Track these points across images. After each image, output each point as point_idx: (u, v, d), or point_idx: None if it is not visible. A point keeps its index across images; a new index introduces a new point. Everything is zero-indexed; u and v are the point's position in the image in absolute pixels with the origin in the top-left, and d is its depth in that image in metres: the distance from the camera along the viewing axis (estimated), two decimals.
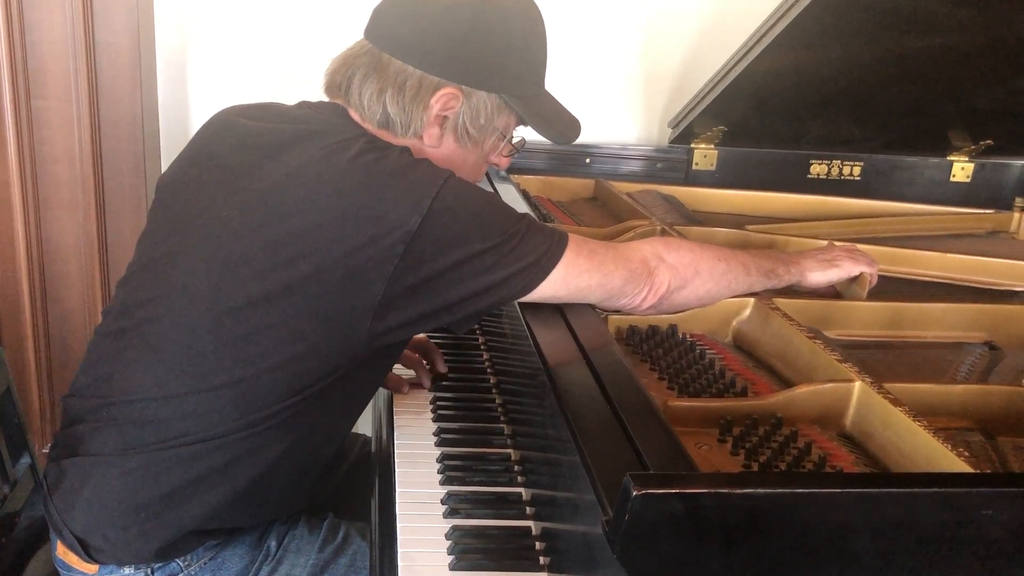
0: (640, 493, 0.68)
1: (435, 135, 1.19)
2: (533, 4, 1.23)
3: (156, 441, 1.12)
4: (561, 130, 1.26)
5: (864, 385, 1.06)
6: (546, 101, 1.27)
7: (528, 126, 1.25)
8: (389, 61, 1.17)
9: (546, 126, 1.24)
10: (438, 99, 1.17)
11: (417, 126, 1.18)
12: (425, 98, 1.17)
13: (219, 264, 1.09)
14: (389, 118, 1.18)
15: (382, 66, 1.17)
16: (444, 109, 1.18)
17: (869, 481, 0.80)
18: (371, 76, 1.18)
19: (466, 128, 1.20)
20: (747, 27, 1.75)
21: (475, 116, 1.19)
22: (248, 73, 2.15)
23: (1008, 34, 1.73)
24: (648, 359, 1.26)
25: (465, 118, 1.19)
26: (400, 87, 1.16)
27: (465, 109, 1.18)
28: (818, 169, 2.19)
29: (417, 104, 1.17)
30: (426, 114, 1.17)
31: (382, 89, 1.17)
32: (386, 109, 1.17)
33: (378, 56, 1.18)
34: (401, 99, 1.17)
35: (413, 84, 1.16)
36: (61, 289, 2.12)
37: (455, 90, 1.17)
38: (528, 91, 1.23)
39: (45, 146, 2.01)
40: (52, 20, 1.92)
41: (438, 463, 1.26)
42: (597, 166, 2.14)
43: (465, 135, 1.20)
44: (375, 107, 1.18)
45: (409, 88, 1.16)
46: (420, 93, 1.17)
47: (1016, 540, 0.72)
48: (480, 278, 1.07)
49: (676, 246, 1.24)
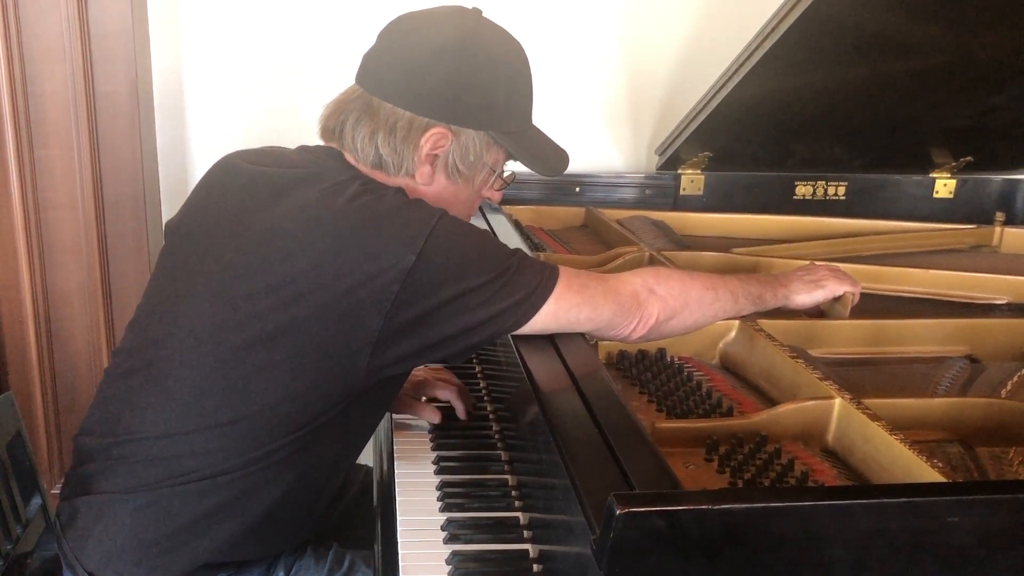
0: (623, 512, 0.72)
1: (427, 173, 1.23)
2: (517, 44, 1.28)
3: (166, 478, 1.15)
4: (549, 164, 1.30)
5: (844, 402, 1.10)
6: (534, 136, 1.31)
7: (517, 161, 1.29)
8: (380, 105, 1.21)
9: (534, 160, 1.28)
10: (428, 139, 1.21)
11: (409, 165, 1.22)
12: (415, 138, 1.21)
13: (223, 305, 1.13)
14: (382, 159, 1.22)
15: (373, 110, 1.22)
16: (434, 148, 1.22)
17: (840, 493, 0.84)
18: (363, 120, 1.22)
19: (456, 165, 1.24)
20: (727, 55, 1.80)
21: (464, 153, 1.23)
22: (244, 117, 2.21)
23: (978, 52, 1.78)
24: (638, 383, 1.30)
25: (455, 156, 1.23)
26: (391, 129, 1.21)
27: (454, 147, 1.22)
28: (803, 190, 2.24)
29: (408, 144, 1.21)
30: (417, 154, 1.22)
31: (374, 131, 1.21)
32: (378, 151, 1.21)
33: (369, 100, 1.22)
34: (392, 140, 1.21)
35: (403, 126, 1.20)
36: (66, 332, 2.16)
37: (444, 129, 1.21)
38: (515, 127, 1.27)
39: (48, 193, 2.06)
40: (53, 72, 1.97)
41: (438, 490, 1.29)
42: (588, 194, 2.19)
43: (456, 172, 1.24)
44: (368, 149, 1.22)
45: (400, 129, 1.21)
46: (410, 134, 1.21)
47: (982, 545, 0.76)
48: (473, 313, 1.11)
49: (666, 277, 1.26)
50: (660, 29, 2.29)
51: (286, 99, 2.18)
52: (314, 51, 2.18)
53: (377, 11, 2.10)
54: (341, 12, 2.16)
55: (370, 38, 1.28)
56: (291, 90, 2.18)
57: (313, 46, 2.18)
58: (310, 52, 2.18)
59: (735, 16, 2.15)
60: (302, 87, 2.16)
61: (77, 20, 1.94)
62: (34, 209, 2.06)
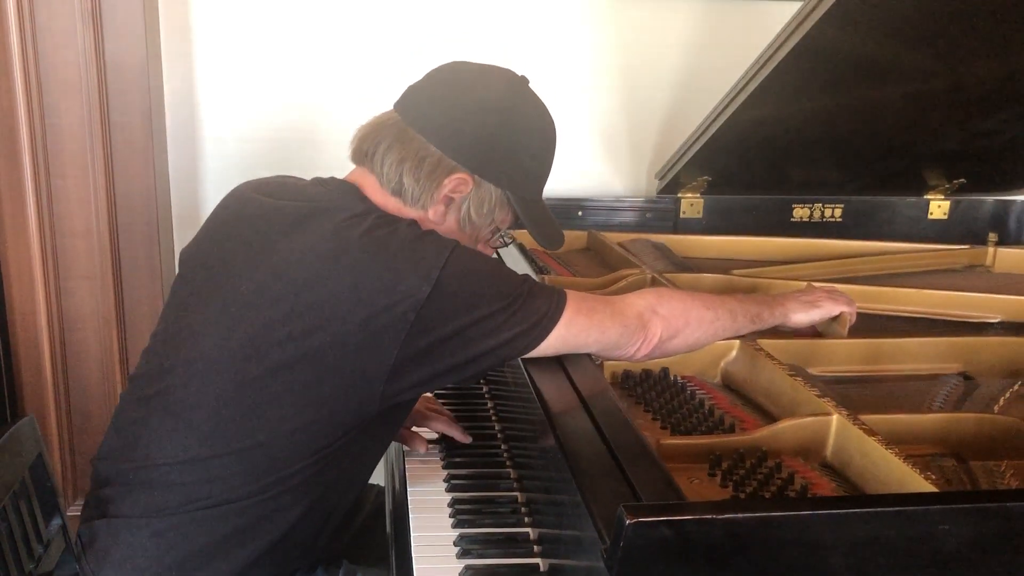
0: (633, 522, 0.76)
1: (440, 212, 1.27)
2: (552, 120, 1.34)
3: (183, 503, 1.18)
4: (549, 237, 1.36)
5: (841, 418, 1.15)
6: (542, 208, 1.37)
7: (523, 228, 1.34)
8: (414, 136, 1.26)
9: (537, 229, 1.33)
10: (451, 180, 1.25)
11: (426, 200, 1.26)
12: (440, 177, 1.25)
13: (240, 335, 1.16)
14: (403, 187, 1.26)
15: (407, 139, 1.26)
16: (454, 191, 1.26)
17: (836, 503, 0.88)
18: (395, 146, 1.26)
19: (469, 213, 1.28)
20: (725, 82, 1.85)
21: (480, 204, 1.28)
22: (255, 147, 2.26)
23: (968, 78, 1.83)
24: (642, 401, 1.34)
25: (471, 204, 1.28)
26: (420, 162, 1.25)
27: (473, 196, 1.27)
28: (801, 212, 2.28)
29: (432, 181, 1.25)
30: (437, 192, 1.26)
31: (402, 159, 1.25)
32: (402, 178, 1.25)
33: (404, 130, 1.27)
34: (418, 172, 1.25)
35: (432, 162, 1.25)
36: (81, 357, 2.20)
37: (468, 176, 1.26)
38: (530, 194, 1.33)
39: (64, 221, 2.10)
40: (70, 104, 2.02)
41: (449, 507, 1.33)
42: (590, 218, 2.24)
43: (467, 220, 1.29)
44: (392, 175, 1.26)
45: (428, 164, 1.25)
46: (437, 171, 1.25)
47: (972, 551, 0.80)
48: (485, 340, 1.15)
49: (668, 298, 1.31)
50: (659, 59, 2.35)
51: (296, 130, 2.23)
52: (325, 84, 2.23)
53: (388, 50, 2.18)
54: (350, 46, 2.21)
55: (382, 73, 1.32)
56: (301, 122, 2.23)
57: (324, 79, 2.23)
58: (320, 85, 2.23)
59: (732, 45, 2.22)
60: (312, 119, 2.22)
61: (93, 53, 2.00)
62: (50, 236, 2.10)
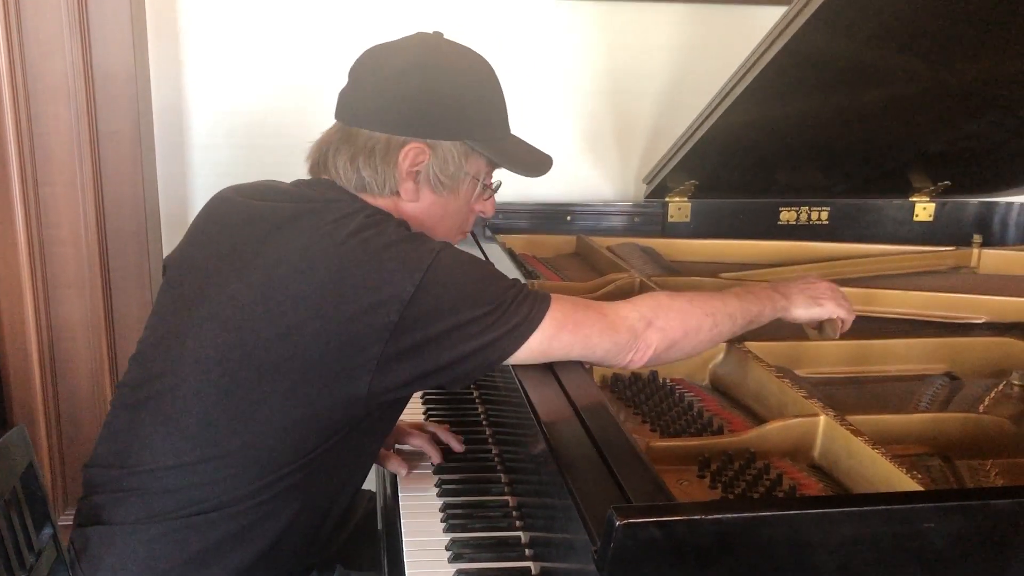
0: (623, 523, 0.77)
1: (411, 189, 1.27)
2: (479, 57, 1.33)
3: (175, 509, 1.18)
4: (530, 165, 1.33)
5: (828, 419, 1.16)
6: (513, 142, 1.35)
7: (500, 167, 1.32)
8: (357, 132, 1.27)
9: (514, 163, 1.32)
10: (405, 155, 1.25)
11: (392, 183, 1.27)
12: (394, 156, 1.25)
13: (227, 337, 1.17)
14: (364, 181, 1.26)
15: (351, 136, 1.27)
16: (414, 164, 1.26)
17: (822, 502, 0.89)
18: (342, 147, 1.27)
19: (438, 178, 1.28)
20: (711, 87, 1.86)
21: (444, 165, 1.28)
22: (242, 154, 2.27)
23: (951, 80, 1.84)
24: (632, 404, 1.35)
25: (435, 168, 1.27)
26: (370, 152, 1.26)
27: (433, 160, 1.27)
28: (787, 216, 2.29)
29: (387, 163, 1.26)
30: (397, 171, 1.26)
31: (353, 156, 1.26)
32: (360, 173, 1.26)
33: (348, 131, 1.28)
34: (372, 161, 1.26)
35: (381, 147, 1.25)
36: (70, 364, 2.20)
37: (420, 144, 1.26)
38: (492, 134, 1.31)
39: (52, 229, 2.10)
40: (58, 112, 2.02)
41: (441, 512, 1.33)
42: (578, 223, 2.25)
43: (439, 184, 1.28)
44: (350, 174, 1.27)
45: (378, 151, 1.25)
46: (388, 153, 1.25)
47: (958, 549, 0.82)
48: (469, 342, 1.15)
49: (666, 307, 1.26)
50: (646, 63, 2.36)
51: (285, 138, 2.23)
52: (313, 91, 2.22)
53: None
54: (340, 54, 2.20)
55: None
56: (289, 129, 2.23)
57: (312, 86, 2.23)
58: (309, 92, 2.22)
59: (719, 49, 2.23)
60: (300, 126, 2.19)
61: (81, 62, 2.00)
62: (39, 244, 2.10)
